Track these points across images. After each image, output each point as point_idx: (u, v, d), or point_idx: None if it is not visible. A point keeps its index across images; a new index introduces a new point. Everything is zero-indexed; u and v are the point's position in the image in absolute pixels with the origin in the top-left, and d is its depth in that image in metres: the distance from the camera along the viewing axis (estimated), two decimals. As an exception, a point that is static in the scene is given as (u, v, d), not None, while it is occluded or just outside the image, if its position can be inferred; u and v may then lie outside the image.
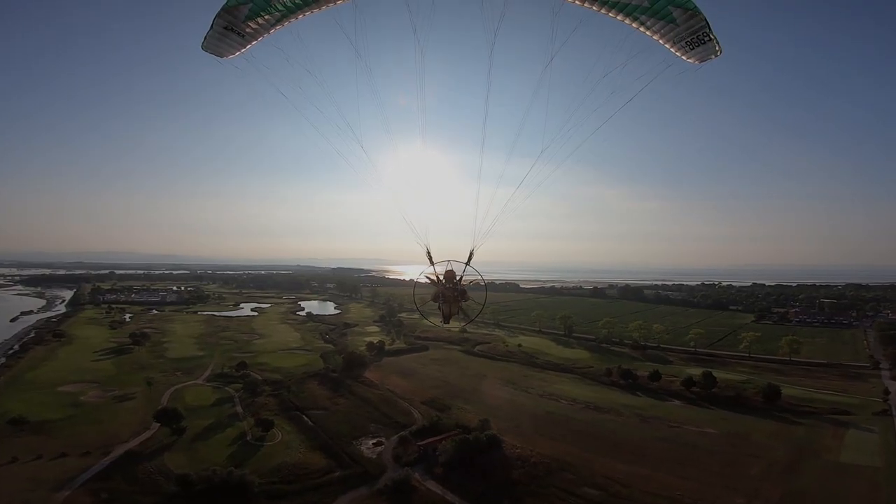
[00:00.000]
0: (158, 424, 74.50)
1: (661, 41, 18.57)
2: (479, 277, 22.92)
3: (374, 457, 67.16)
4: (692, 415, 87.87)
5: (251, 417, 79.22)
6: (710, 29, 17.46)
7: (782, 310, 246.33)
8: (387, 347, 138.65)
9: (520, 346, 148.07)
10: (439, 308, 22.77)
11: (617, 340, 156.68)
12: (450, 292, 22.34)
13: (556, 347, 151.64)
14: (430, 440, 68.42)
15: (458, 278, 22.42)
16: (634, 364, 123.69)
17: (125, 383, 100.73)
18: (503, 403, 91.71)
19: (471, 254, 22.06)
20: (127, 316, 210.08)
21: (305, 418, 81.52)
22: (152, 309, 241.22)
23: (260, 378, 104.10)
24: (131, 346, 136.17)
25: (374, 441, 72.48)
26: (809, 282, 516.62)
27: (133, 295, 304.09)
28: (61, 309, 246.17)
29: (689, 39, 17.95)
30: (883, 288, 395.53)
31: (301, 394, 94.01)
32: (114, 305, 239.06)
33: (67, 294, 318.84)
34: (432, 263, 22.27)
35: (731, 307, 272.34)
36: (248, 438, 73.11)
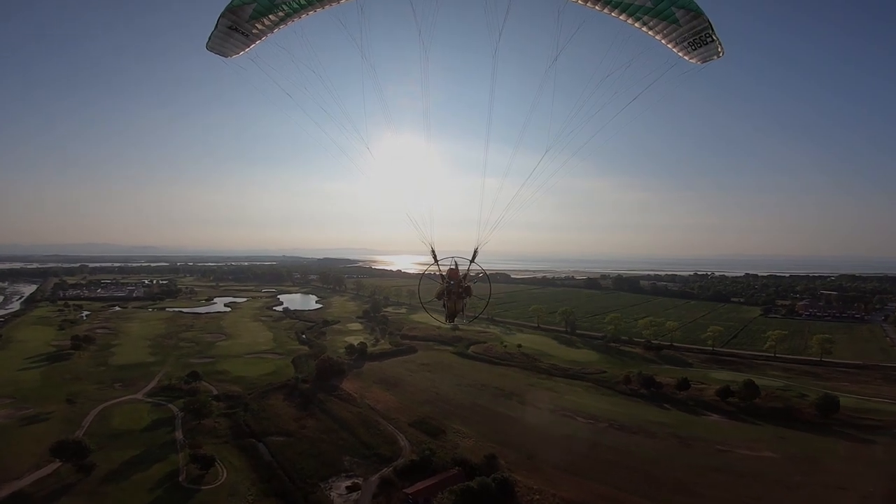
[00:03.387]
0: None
1: (663, 42, 18.17)
2: (482, 273, 22.59)
3: (347, 508, 50.46)
4: (739, 433, 72.53)
5: (189, 449, 61.72)
6: (712, 30, 17.07)
7: (787, 302, 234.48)
8: (369, 350, 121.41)
9: (519, 346, 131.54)
10: (444, 306, 22.16)
11: (626, 339, 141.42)
12: (455, 289, 21.84)
13: (560, 348, 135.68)
14: (421, 486, 51.59)
15: (462, 272, 22.08)
16: (652, 368, 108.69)
17: (46, 399, 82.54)
18: (509, 424, 75.09)
19: (475, 252, 21.89)
20: (84, 314, 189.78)
21: (262, 448, 64.54)
22: (115, 305, 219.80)
23: (214, 391, 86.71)
24: (71, 352, 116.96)
25: (349, 483, 55.60)
26: (801, 272, 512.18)
27: (99, 290, 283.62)
28: (16, 306, 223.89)
29: (691, 40, 17.57)
30: (878, 279, 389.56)
31: (261, 413, 76.59)
32: (71, 302, 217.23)
33: (31, 289, 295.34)
34: (437, 262, 21.96)
35: (733, 299, 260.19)
36: (180, 479, 56.17)
